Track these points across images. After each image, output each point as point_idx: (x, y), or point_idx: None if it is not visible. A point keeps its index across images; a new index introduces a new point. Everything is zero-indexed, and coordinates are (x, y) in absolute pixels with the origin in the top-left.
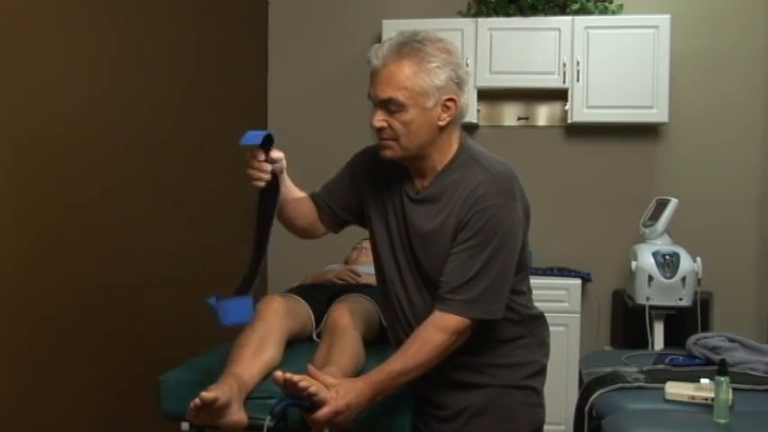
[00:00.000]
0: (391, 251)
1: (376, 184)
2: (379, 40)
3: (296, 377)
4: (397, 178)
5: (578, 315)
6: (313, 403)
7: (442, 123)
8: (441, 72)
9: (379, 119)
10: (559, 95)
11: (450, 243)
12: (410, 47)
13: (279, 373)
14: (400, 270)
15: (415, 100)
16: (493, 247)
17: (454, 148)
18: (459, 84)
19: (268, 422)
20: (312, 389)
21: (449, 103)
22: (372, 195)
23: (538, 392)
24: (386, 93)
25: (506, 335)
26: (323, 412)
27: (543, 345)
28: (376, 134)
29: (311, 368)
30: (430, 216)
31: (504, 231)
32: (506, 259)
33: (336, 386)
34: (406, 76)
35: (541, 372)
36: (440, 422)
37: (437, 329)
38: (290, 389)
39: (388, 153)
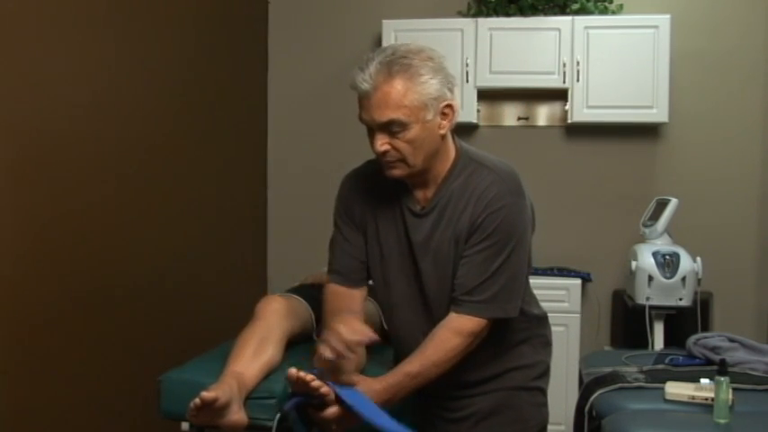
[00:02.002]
0: (401, 275)
1: (371, 209)
2: (379, 40)
3: (309, 376)
4: (394, 197)
5: (578, 315)
6: (323, 402)
7: (443, 131)
8: (433, 82)
9: (382, 143)
10: (559, 95)
11: (461, 249)
12: (398, 64)
13: (293, 370)
14: (409, 292)
15: (416, 116)
16: (508, 247)
17: (452, 153)
18: (450, 88)
19: (278, 418)
20: (324, 389)
21: (446, 110)
22: (371, 220)
23: (544, 392)
24: (385, 115)
25: (515, 337)
26: (331, 411)
27: (548, 344)
28: (378, 157)
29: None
30: (438, 227)
31: (518, 231)
32: (520, 258)
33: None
34: (403, 94)
35: (547, 372)
36: (449, 423)
37: (453, 332)
38: (301, 387)
39: (395, 173)
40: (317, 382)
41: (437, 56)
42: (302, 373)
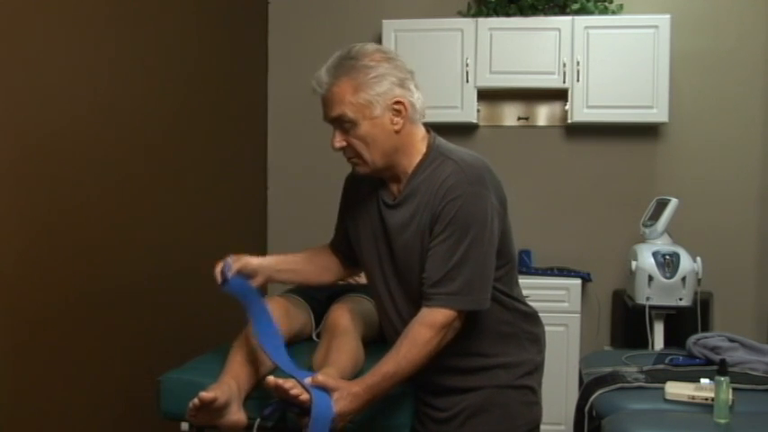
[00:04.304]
0: (378, 263)
1: (356, 202)
2: (379, 40)
3: (288, 383)
4: (373, 190)
5: (578, 315)
6: (303, 409)
7: (397, 128)
8: (381, 79)
9: (338, 140)
10: (559, 95)
11: (427, 241)
12: (344, 66)
13: (271, 378)
14: (387, 281)
15: (362, 113)
16: (468, 236)
17: (421, 148)
18: (402, 84)
19: (258, 423)
20: (303, 396)
21: (397, 107)
22: (355, 215)
23: (534, 391)
24: (334, 111)
25: (498, 334)
26: (306, 420)
27: (537, 342)
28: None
29: (318, 375)
30: (406, 218)
31: (478, 219)
32: (484, 247)
33: (332, 392)
34: (348, 92)
35: (537, 369)
36: (437, 423)
37: (426, 326)
38: (281, 394)
39: (359, 170)
40: (296, 390)
41: (391, 53)
42: (281, 381)
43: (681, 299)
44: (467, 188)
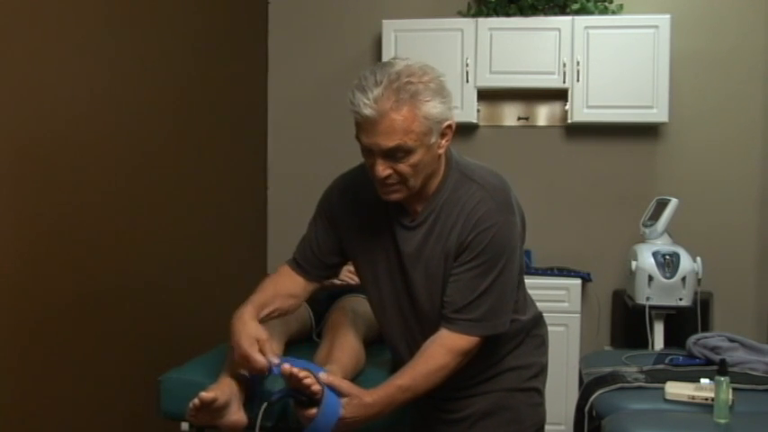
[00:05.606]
0: (391, 285)
1: (358, 218)
2: (379, 39)
3: (302, 373)
4: (382, 208)
5: (578, 315)
6: (311, 400)
7: (441, 151)
8: (436, 104)
9: (384, 168)
10: (559, 95)
11: (450, 265)
12: (405, 91)
13: (286, 366)
14: (400, 302)
15: (421, 141)
16: (498, 266)
17: (443, 166)
18: (450, 107)
19: (264, 407)
20: (315, 387)
21: (446, 130)
22: (356, 230)
23: (540, 392)
24: (392, 141)
25: (507, 344)
26: (311, 411)
27: (542, 344)
28: (376, 181)
29: (329, 375)
30: (428, 240)
31: (508, 249)
32: (510, 275)
33: (342, 396)
34: (410, 121)
35: (543, 371)
36: (445, 424)
37: (445, 349)
38: (293, 383)
39: (395, 197)
40: (309, 380)
41: (432, 70)
42: (295, 370)
43: (681, 299)
44: (498, 218)
